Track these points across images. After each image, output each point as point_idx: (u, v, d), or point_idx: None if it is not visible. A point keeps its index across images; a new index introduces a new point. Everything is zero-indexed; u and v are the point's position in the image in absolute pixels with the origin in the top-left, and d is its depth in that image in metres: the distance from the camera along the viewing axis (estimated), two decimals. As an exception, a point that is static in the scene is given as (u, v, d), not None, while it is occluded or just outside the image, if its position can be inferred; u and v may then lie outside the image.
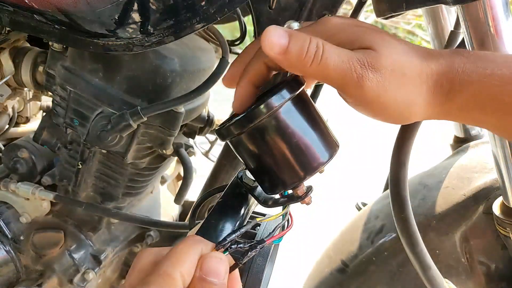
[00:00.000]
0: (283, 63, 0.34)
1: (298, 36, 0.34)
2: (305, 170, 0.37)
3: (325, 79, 0.35)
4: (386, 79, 0.34)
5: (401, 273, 0.74)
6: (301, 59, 0.33)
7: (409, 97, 0.35)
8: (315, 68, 0.33)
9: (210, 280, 0.31)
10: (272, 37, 0.33)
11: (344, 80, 0.34)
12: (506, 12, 0.47)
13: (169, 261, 0.31)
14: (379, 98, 0.34)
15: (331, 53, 0.33)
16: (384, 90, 0.34)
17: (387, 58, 0.34)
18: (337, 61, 0.33)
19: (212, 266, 0.32)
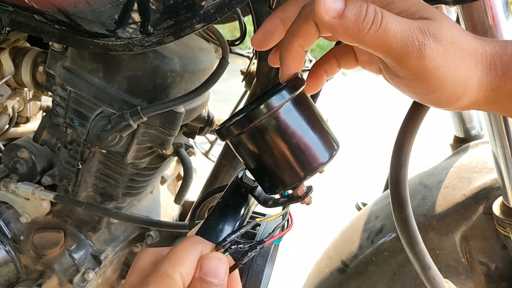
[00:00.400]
0: (338, 29, 0.32)
1: (356, 1, 0.31)
2: (305, 170, 0.37)
3: (383, 47, 0.32)
4: (447, 50, 0.32)
5: (401, 273, 0.74)
6: (359, 24, 0.31)
7: (466, 74, 0.33)
8: (373, 34, 0.31)
9: (210, 280, 0.31)
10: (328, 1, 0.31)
11: (404, 48, 0.31)
12: (506, 12, 0.47)
13: (169, 262, 0.31)
14: (438, 70, 0.32)
15: (391, 19, 0.31)
16: (444, 61, 0.32)
17: (448, 30, 0.33)
18: (398, 27, 0.31)
19: (212, 266, 0.32)
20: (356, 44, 0.33)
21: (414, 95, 0.36)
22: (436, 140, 2.03)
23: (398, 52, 0.32)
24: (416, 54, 0.32)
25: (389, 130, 1.85)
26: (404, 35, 0.31)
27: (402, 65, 0.33)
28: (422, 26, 0.32)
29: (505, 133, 0.54)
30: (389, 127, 2.78)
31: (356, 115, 3.22)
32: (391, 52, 0.32)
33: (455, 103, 0.35)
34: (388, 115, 3.14)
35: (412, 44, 0.31)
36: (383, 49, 0.32)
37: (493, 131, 0.55)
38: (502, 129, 0.54)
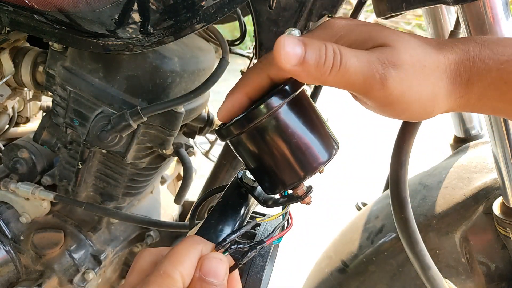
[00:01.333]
0: (301, 74, 0.32)
1: (313, 43, 0.31)
2: (305, 170, 0.37)
3: (346, 86, 0.33)
4: (409, 73, 0.32)
5: (401, 273, 0.74)
6: (320, 68, 0.31)
7: (433, 90, 0.33)
8: (335, 75, 0.31)
9: (210, 280, 0.31)
10: (287, 48, 0.30)
11: (366, 83, 0.32)
12: (506, 12, 0.47)
13: (169, 261, 0.31)
14: (403, 96, 0.33)
15: (349, 56, 0.31)
16: (408, 86, 0.32)
17: (405, 53, 0.32)
18: (357, 64, 0.31)
19: (212, 266, 0.32)
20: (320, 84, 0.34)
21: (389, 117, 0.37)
22: (436, 140, 2.03)
23: (361, 87, 0.32)
24: (378, 86, 0.32)
25: (389, 130, 1.85)
26: (364, 70, 0.32)
27: (368, 97, 0.34)
28: (380, 56, 0.32)
29: (505, 133, 0.54)
30: (389, 127, 2.78)
31: (356, 115, 3.22)
32: (354, 87, 0.33)
33: (429, 115, 0.36)
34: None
35: (373, 77, 0.32)
36: (347, 86, 0.33)
37: (493, 131, 0.55)
38: (502, 129, 0.54)
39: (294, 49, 0.31)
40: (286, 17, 0.60)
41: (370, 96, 0.33)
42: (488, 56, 0.33)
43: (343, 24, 0.35)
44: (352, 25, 0.35)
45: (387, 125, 2.97)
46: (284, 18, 0.60)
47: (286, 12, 0.60)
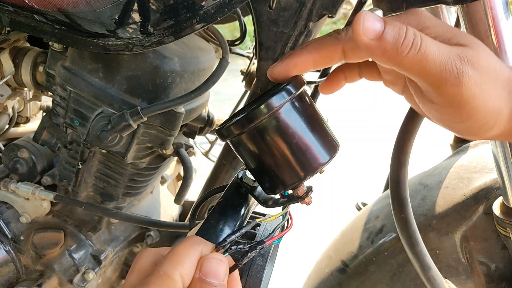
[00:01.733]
0: (376, 51, 0.31)
1: (394, 23, 0.31)
2: (305, 170, 0.37)
3: (421, 72, 0.31)
4: (483, 79, 0.31)
5: (401, 273, 0.74)
6: (397, 47, 0.30)
7: (499, 104, 0.33)
8: (412, 58, 0.30)
9: (210, 281, 0.31)
10: (367, 22, 0.30)
11: (442, 74, 0.31)
12: (506, 12, 0.47)
13: (169, 262, 0.31)
14: (473, 100, 0.31)
15: (430, 43, 0.31)
16: (480, 90, 0.31)
17: (484, 59, 0.32)
18: (437, 52, 0.30)
19: (212, 267, 0.32)
20: (394, 67, 0.32)
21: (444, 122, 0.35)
22: (436, 140, 2.03)
23: (435, 77, 0.31)
24: (454, 81, 0.31)
25: (389, 130, 1.85)
26: (443, 61, 0.31)
27: (438, 91, 0.32)
28: (461, 53, 0.31)
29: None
30: (389, 127, 2.78)
31: (356, 115, 3.22)
32: (428, 77, 0.31)
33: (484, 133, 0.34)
34: (388, 115, 3.14)
35: (451, 71, 0.31)
36: (421, 74, 0.32)
37: (493, 131, 0.55)
38: (502, 129, 0.54)
39: (374, 24, 0.30)
40: (286, 17, 0.60)
41: (441, 90, 0.32)
42: None
43: (430, 16, 0.34)
44: (438, 20, 0.34)
45: (387, 125, 2.97)
46: (284, 18, 0.60)
47: (286, 12, 0.60)
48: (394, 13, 0.51)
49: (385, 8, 0.52)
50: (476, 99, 0.32)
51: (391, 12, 0.51)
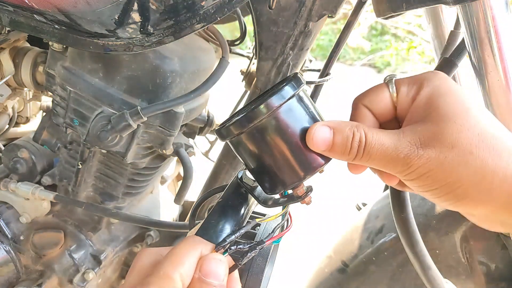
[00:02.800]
0: (331, 155, 0.36)
1: (342, 133, 0.35)
2: (305, 170, 0.37)
3: (373, 166, 0.36)
4: (449, 157, 0.33)
5: (401, 273, 0.74)
6: (346, 155, 0.35)
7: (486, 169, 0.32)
8: (359, 160, 0.35)
9: (209, 281, 0.31)
10: (317, 135, 0.35)
11: (389, 165, 0.35)
12: (506, 12, 0.47)
13: (168, 262, 0.31)
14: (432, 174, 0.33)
15: (374, 144, 0.34)
16: (439, 164, 0.33)
17: (450, 135, 0.33)
18: (380, 151, 0.34)
19: (211, 267, 0.32)
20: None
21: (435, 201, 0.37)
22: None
23: (386, 168, 0.35)
24: (403, 168, 0.34)
25: (389, 130, 1.82)
26: (387, 155, 0.34)
27: (398, 174, 0.36)
28: (413, 139, 0.34)
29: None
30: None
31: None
32: (381, 168, 0.36)
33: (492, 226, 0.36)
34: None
35: (397, 159, 0.34)
36: (373, 166, 0.36)
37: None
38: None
39: (324, 136, 0.36)
40: (286, 17, 0.60)
41: (398, 174, 0.35)
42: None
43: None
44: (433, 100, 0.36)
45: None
46: (284, 18, 0.60)
47: (286, 12, 0.60)
48: (395, 13, 0.51)
49: (385, 8, 0.52)
50: (436, 172, 0.33)
51: (391, 12, 0.51)
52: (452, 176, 0.33)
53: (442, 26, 0.74)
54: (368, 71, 4.15)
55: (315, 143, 0.35)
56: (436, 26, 0.75)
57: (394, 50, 4.39)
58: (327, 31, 4.70)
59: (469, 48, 0.49)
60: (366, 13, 4.25)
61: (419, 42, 4.39)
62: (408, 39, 4.51)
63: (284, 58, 0.64)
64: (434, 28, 0.75)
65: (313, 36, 0.63)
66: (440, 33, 0.75)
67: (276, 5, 0.59)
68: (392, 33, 4.68)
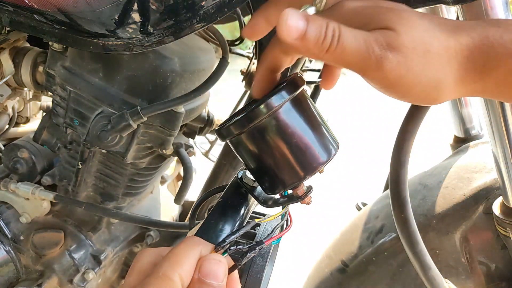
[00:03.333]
0: (301, 49, 0.33)
1: (316, 21, 0.32)
2: (305, 170, 0.37)
3: (344, 64, 0.33)
4: (408, 58, 0.32)
5: (401, 273, 0.74)
6: (319, 45, 0.32)
7: (436, 75, 0.33)
8: (333, 52, 0.32)
9: (209, 282, 0.31)
10: (290, 21, 0.31)
11: (363, 64, 0.32)
12: (506, 12, 0.47)
13: (168, 263, 0.31)
14: (401, 79, 0.32)
15: (347, 36, 0.32)
16: (406, 70, 0.32)
17: (406, 36, 0.32)
18: (354, 44, 0.31)
19: (211, 268, 0.32)
20: (320, 60, 0.34)
21: (393, 97, 0.36)
22: (436, 140, 2.03)
23: (357, 66, 0.33)
24: (374, 67, 0.32)
25: (389, 130, 1.85)
26: (361, 50, 0.32)
27: (366, 77, 0.34)
28: (378, 38, 0.32)
29: (505, 133, 0.54)
30: (389, 127, 2.77)
31: (356, 115, 3.22)
32: (352, 66, 0.33)
33: (435, 100, 0.35)
34: (388, 115, 3.14)
35: (369, 59, 0.32)
36: (344, 65, 0.33)
37: (493, 131, 0.55)
38: (502, 129, 0.54)
39: (297, 23, 0.31)
40: (286, 17, 0.60)
41: (367, 76, 0.33)
42: (510, 40, 0.32)
43: (353, 6, 0.35)
44: (360, 7, 0.35)
45: (387, 125, 2.96)
46: (284, 18, 0.60)
47: (286, 12, 0.59)
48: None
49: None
50: (404, 78, 0.32)
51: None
52: (420, 78, 0.32)
53: (442, 26, 0.74)
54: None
55: (287, 29, 0.31)
56: (436, 26, 0.75)
57: (394, 50, 4.39)
58: (327, 31, 4.69)
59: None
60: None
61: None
62: (408, 39, 4.51)
63: (284, 58, 0.64)
64: (434, 28, 0.75)
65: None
66: (440, 33, 0.74)
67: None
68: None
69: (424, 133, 0.94)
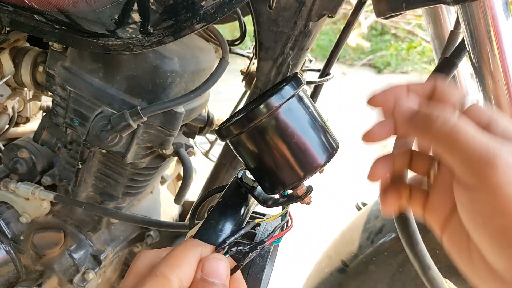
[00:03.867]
0: (412, 124, 0.33)
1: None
2: (305, 170, 0.37)
3: (454, 144, 0.30)
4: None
5: (401, 273, 0.74)
6: (429, 119, 0.31)
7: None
8: (444, 130, 0.30)
9: (212, 281, 0.31)
10: (402, 104, 0.33)
11: (476, 151, 0.29)
12: (506, 12, 0.47)
13: (166, 263, 0.31)
14: (509, 186, 0.28)
15: (464, 121, 0.30)
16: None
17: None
18: (471, 130, 0.29)
19: (213, 267, 0.32)
20: (427, 141, 0.32)
21: (478, 219, 0.30)
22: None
23: (469, 153, 0.29)
24: (488, 160, 0.28)
25: (389, 130, 1.82)
26: (478, 138, 0.29)
27: (472, 169, 0.29)
28: (500, 140, 0.29)
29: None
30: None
31: (356, 115, 3.22)
32: (461, 151, 0.30)
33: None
34: (388, 115, 3.14)
35: (486, 150, 0.29)
36: (454, 147, 0.30)
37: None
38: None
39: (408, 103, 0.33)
40: (286, 17, 0.60)
41: (475, 168, 0.29)
42: None
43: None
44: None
45: (387, 125, 2.95)
46: (284, 18, 0.60)
47: (286, 12, 0.60)
48: (394, 12, 0.51)
49: (385, 8, 0.52)
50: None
51: (391, 12, 0.51)
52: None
53: (442, 26, 0.74)
54: (368, 71, 4.16)
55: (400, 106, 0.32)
56: (436, 26, 0.75)
57: (394, 50, 4.39)
58: (327, 31, 4.70)
59: (469, 48, 0.49)
60: (366, 13, 4.25)
61: (419, 42, 4.40)
62: (408, 39, 4.51)
63: (284, 58, 0.64)
64: (434, 28, 0.75)
65: (313, 36, 0.63)
66: (440, 33, 0.75)
67: (276, 5, 0.59)
68: (392, 33, 4.68)
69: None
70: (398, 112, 0.33)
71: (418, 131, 0.32)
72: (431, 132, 0.31)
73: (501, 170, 0.28)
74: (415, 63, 4.24)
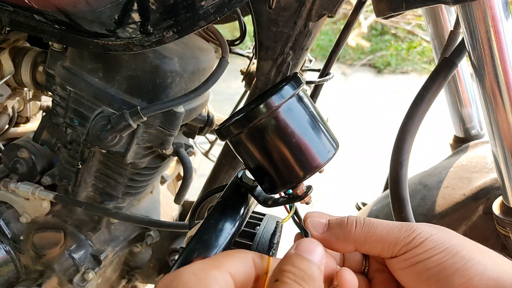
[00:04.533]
0: (331, 238, 0.36)
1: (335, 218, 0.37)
2: (305, 170, 0.37)
3: (376, 240, 0.34)
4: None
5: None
6: (344, 228, 0.35)
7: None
8: (361, 232, 0.34)
9: (308, 257, 0.29)
10: (312, 220, 0.37)
11: (394, 236, 0.34)
12: (506, 12, 0.47)
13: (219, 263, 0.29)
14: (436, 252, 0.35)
15: (372, 219, 0.35)
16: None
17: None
18: (382, 222, 0.34)
19: (310, 246, 0.30)
20: (354, 247, 0.35)
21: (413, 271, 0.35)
22: (436, 140, 2.03)
23: (389, 241, 0.34)
24: (407, 238, 0.34)
25: (389, 130, 1.84)
26: (390, 226, 0.34)
27: (396, 252, 0.34)
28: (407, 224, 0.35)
29: (505, 133, 0.54)
30: (389, 127, 2.77)
31: (356, 115, 3.22)
32: (383, 242, 0.34)
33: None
34: (388, 115, 3.15)
35: (402, 231, 0.34)
36: (377, 241, 0.34)
37: (493, 131, 0.55)
38: (502, 129, 0.54)
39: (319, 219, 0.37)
40: (286, 17, 0.60)
41: (398, 250, 0.34)
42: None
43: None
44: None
45: (387, 125, 2.96)
46: (284, 18, 0.60)
47: (286, 12, 0.60)
48: (394, 12, 0.51)
49: (385, 8, 0.52)
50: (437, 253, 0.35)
51: (391, 12, 0.51)
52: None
53: (442, 26, 0.74)
54: (368, 71, 4.16)
55: (312, 225, 0.37)
56: (436, 26, 0.75)
57: (394, 50, 4.39)
58: (327, 31, 4.70)
59: (469, 48, 0.49)
60: (366, 13, 4.25)
61: (419, 42, 4.40)
62: (408, 39, 4.51)
63: (284, 58, 0.64)
64: (434, 28, 0.75)
65: (313, 36, 0.63)
66: (440, 33, 0.75)
67: (276, 5, 0.59)
68: (392, 33, 4.68)
69: (424, 133, 0.94)
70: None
71: (341, 243, 0.36)
72: (352, 238, 0.35)
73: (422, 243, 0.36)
74: (415, 63, 4.24)
